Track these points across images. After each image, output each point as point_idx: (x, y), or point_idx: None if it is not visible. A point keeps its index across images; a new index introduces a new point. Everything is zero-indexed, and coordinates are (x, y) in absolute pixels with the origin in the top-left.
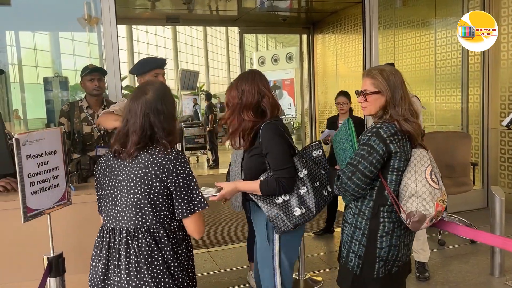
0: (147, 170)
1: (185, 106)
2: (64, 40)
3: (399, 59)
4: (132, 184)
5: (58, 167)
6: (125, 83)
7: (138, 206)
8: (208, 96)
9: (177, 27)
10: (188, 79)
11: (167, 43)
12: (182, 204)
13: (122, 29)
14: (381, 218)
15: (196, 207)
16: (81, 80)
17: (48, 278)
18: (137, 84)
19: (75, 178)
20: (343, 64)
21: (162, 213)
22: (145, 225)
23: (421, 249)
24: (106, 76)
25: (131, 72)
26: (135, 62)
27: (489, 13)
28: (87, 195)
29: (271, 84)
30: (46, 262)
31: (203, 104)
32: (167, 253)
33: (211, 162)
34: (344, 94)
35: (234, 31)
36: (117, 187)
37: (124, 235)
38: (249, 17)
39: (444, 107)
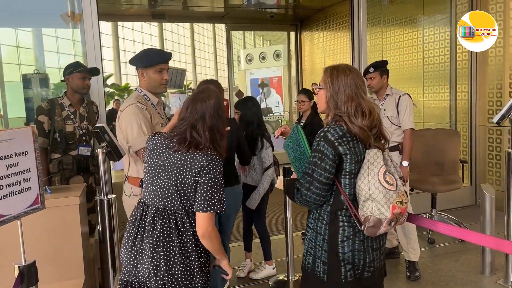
0: (185, 163)
1: (172, 105)
2: (47, 37)
3: (387, 56)
4: (169, 171)
5: (29, 169)
6: (110, 81)
7: (170, 190)
8: None
9: (163, 24)
10: (175, 77)
11: (153, 41)
12: (200, 199)
13: (108, 26)
14: (340, 223)
15: (210, 207)
16: (69, 75)
17: None
18: (125, 81)
19: (57, 178)
20: (331, 62)
21: (188, 202)
22: (173, 208)
23: (411, 247)
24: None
25: (132, 62)
26: (121, 59)
27: (477, 10)
28: (63, 198)
29: (259, 82)
30: (17, 272)
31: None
32: (187, 237)
33: None
34: (304, 92)
35: (221, 28)
36: (157, 169)
37: (153, 211)
38: (236, 14)
39: (432, 105)
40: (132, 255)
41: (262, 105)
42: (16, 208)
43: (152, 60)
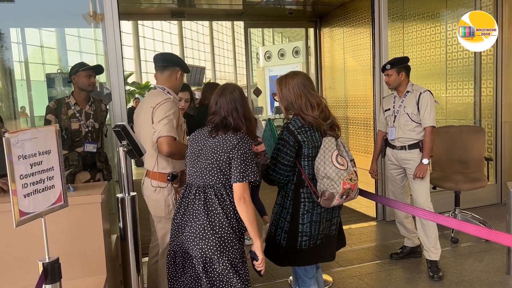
0: (219, 144)
1: None
2: (70, 37)
3: (408, 52)
4: (207, 153)
5: (53, 167)
6: (131, 79)
7: (208, 168)
8: None
9: (182, 23)
10: (195, 74)
11: (173, 39)
12: (236, 172)
13: (128, 25)
14: (302, 199)
15: (245, 178)
16: (74, 75)
17: (43, 285)
18: (145, 79)
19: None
20: (350, 58)
21: (225, 177)
22: (211, 183)
23: (432, 247)
24: (109, 72)
25: (177, 60)
26: (141, 58)
27: (502, 2)
28: (85, 196)
29: None
30: (41, 268)
31: None
32: (226, 206)
33: None
34: None
35: (239, 26)
36: (197, 154)
37: (195, 189)
38: (255, 11)
39: (455, 101)
40: (175, 227)
41: None
42: (40, 206)
43: (187, 67)
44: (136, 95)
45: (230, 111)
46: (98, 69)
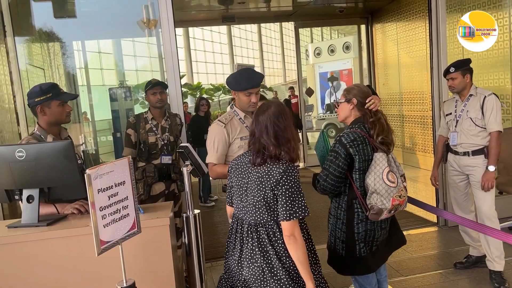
0: (263, 180)
1: None
2: (125, 42)
3: None
4: (253, 188)
5: (127, 197)
6: (183, 81)
7: (257, 206)
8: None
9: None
10: None
11: (222, 39)
12: (282, 209)
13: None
14: (355, 209)
15: (293, 216)
16: (145, 94)
17: None
18: (196, 80)
19: (141, 184)
20: (405, 54)
21: (274, 213)
22: (262, 221)
23: (497, 257)
24: (167, 76)
25: (227, 84)
26: (192, 59)
27: None
28: (155, 219)
29: (328, 76)
30: None
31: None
32: (279, 246)
33: None
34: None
35: (289, 24)
36: (243, 187)
37: (247, 226)
38: (304, 11)
39: None
40: (233, 262)
41: (332, 99)
42: (117, 234)
43: (241, 85)
44: (188, 96)
45: (261, 132)
46: (162, 86)
